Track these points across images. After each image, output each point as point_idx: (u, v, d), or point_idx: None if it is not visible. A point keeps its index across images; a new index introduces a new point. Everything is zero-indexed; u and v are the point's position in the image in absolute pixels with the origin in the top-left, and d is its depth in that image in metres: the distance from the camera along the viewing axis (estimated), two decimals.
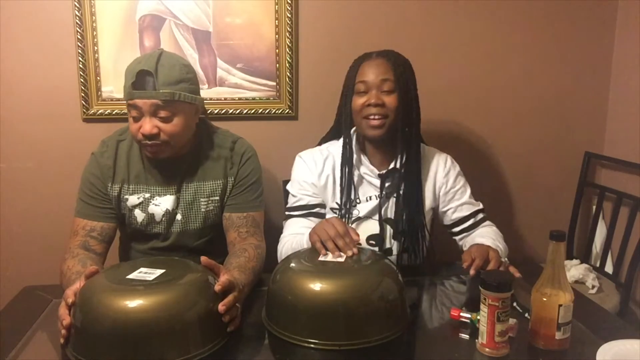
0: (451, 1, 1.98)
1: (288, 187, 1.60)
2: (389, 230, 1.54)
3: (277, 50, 1.92)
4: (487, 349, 1.03)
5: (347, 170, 1.52)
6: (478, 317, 1.06)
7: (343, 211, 1.53)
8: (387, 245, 1.54)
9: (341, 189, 1.53)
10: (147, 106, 1.33)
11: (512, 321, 1.06)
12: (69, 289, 1.08)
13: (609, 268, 2.02)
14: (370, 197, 1.54)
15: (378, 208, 1.53)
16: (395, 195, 1.53)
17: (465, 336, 1.11)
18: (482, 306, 1.03)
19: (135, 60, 1.39)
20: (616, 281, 1.96)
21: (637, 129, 1.99)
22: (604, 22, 2.08)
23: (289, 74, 1.93)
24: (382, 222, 1.54)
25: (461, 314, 1.15)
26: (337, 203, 1.54)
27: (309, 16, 1.92)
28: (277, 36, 1.90)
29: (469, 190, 1.61)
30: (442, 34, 2.00)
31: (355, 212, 1.54)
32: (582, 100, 2.13)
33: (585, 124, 2.15)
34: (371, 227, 1.54)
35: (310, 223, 1.51)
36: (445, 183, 1.58)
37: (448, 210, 1.59)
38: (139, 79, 1.33)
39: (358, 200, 1.55)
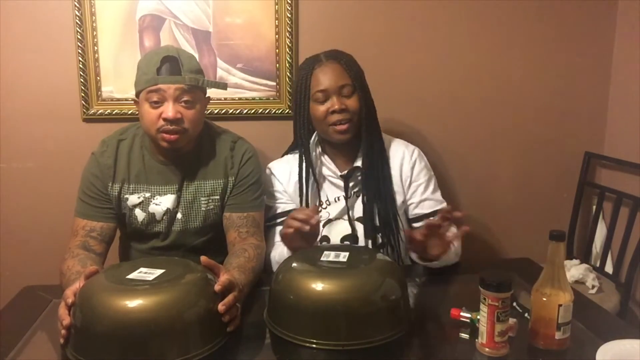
0: (451, 1, 1.98)
1: (265, 199, 1.59)
2: (360, 229, 1.55)
3: (277, 50, 1.92)
4: (487, 349, 1.03)
5: (305, 178, 1.54)
6: (478, 317, 1.06)
7: None
8: (362, 244, 1.55)
9: (300, 194, 1.55)
10: (172, 90, 1.36)
11: (512, 321, 1.06)
12: (69, 289, 1.08)
13: (609, 268, 2.02)
14: (338, 198, 1.56)
15: (346, 208, 1.55)
16: (362, 194, 1.54)
17: (465, 336, 1.11)
18: (481, 306, 1.03)
19: (149, 53, 1.43)
20: (616, 281, 1.96)
21: (637, 129, 1.99)
22: (604, 22, 2.08)
23: (289, 74, 1.93)
24: (352, 221, 1.55)
25: (461, 313, 1.15)
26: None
27: (309, 16, 1.92)
28: (277, 36, 1.90)
29: (432, 187, 1.59)
30: (441, 34, 2.00)
31: (325, 215, 1.55)
32: (582, 100, 2.13)
33: (585, 124, 2.15)
34: (343, 228, 1.55)
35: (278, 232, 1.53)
36: (410, 176, 1.57)
37: (411, 204, 1.58)
38: (164, 66, 1.36)
39: (328, 202, 1.56)
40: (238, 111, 1.95)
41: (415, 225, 1.58)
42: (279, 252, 1.49)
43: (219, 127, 1.59)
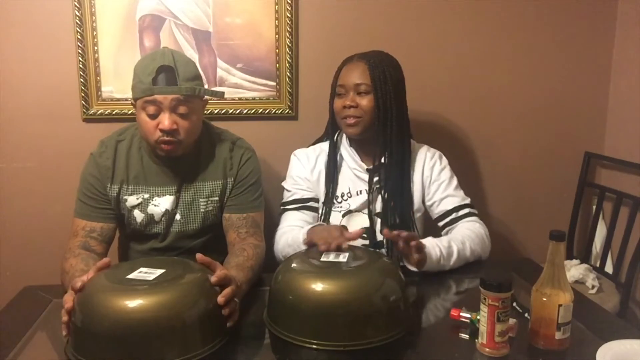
0: (451, 1, 1.98)
1: (284, 183, 1.67)
2: (379, 223, 1.59)
3: (277, 50, 1.92)
4: (487, 349, 1.03)
5: (331, 165, 1.61)
6: (478, 317, 1.06)
7: (327, 203, 1.60)
8: (379, 239, 1.58)
9: (326, 182, 1.61)
10: (168, 101, 1.34)
11: (512, 321, 1.06)
12: (79, 278, 1.06)
13: (609, 268, 2.02)
14: (360, 191, 1.60)
15: (367, 202, 1.58)
16: (383, 190, 1.58)
17: (465, 336, 1.11)
18: (482, 306, 1.03)
19: (145, 58, 1.40)
20: (616, 281, 1.96)
21: (637, 129, 1.99)
22: (604, 22, 2.08)
23: (289, 74, 1.93)
24: (372, 215, 1.59)
25: (461, 314, 1.15)
26: (328, 197, 1.60)
27: (309, 16, 1.92)
28: (277, 36, 1.90)
29: (454, 184, 1.63)
30: (441, 34, 2.00)
31: (346, 206, 1.59)
32: (582, 100, 2.13)
33: (585, 124, 2.15)
34: (362, 220, 1.59)
35: (304, 216, 1.59)
36: (430, 176, 1.62)
37: (433, 203, 1.62)
38: (159, 75, 1.34)
39: (349, 194, 1.59)
40: (238, 111, 1.95)
41: (441, 223, 1.61)
42: (285, 239, 1.50)
43: (217, 127, 1.59)
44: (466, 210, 1.59)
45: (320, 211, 1.62)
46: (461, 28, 2.01)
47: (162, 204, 1.48)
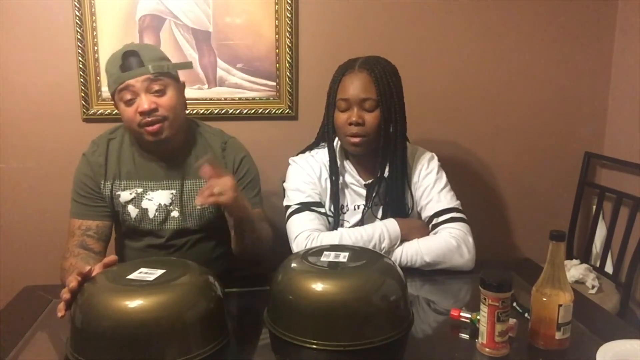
0: (451, 1, 1.98)
1: (290, 185, 1.55)
2: None
3: (277, 50, 1.92)
4: (487, 349, 1.03)
5: (334, 180, 1.52)
6: (478, 317, 1.06)
7: (333, 219, 1.53)
8: None
9: (330, 198, 1.53)
10: (140, 82, 1.37)
11: (512, 321, 1.06)
12: (83, 268, 1.06)
13: (609, 268, 2.02)
14: (358, 206, 1.56)
15: (363, 217, 1.54)
16: (382, 204, 1.54)
17: (465, 336, 1.11)
18: (482, 306, 1.03)
19: (112, 55, 1.43)
20: (616, 281, 1.96)
21: (637, 129, 1.99)
22: (604, 22, 2.08)
23: (289, 74, 1.93)
24: None
25: (461, 314, 1.15)
26: (330, 211, 1.54)
27: (309, 16, 1.92)
28: (277, 36, 1.90)
29: (439, 188, 1.53)
30: (442, 34, 2.01)
31: (346, 224, 1.56)
32: (582, 100, 2.13)
33: (585, 124, 2.16)
34: None
35: (319, 220, 1.49)
36: (418, 181, 1.56)
37: (421, 209, 1.55)
38: (126, 62, 1.37)
39: (347, 209, 1.56)
40: (238, 111, 1.95)
41: (430, 226, 1.54)
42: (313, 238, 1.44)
43: (208, 126, 1.59)
44: (447, 216, 1.48)
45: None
46: (461, 28, 2.01)
47: (155, 198, 1.48)
